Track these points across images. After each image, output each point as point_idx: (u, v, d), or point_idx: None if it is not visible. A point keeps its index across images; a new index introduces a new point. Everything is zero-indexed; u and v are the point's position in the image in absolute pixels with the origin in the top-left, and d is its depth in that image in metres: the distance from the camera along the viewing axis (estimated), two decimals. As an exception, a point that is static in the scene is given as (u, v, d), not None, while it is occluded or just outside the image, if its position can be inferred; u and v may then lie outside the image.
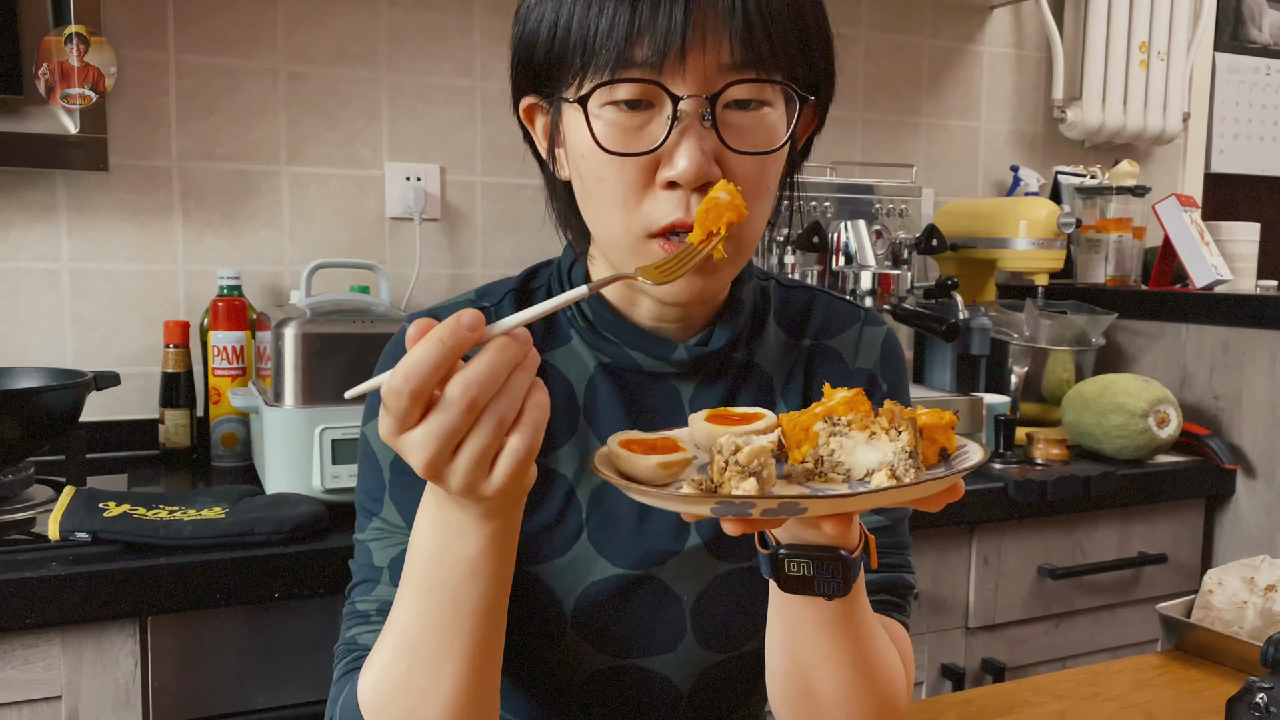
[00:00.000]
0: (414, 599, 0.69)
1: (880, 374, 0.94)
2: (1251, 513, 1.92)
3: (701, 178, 0.73)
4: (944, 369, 2.02)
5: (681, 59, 0.71)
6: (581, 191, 0.80)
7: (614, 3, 0.72)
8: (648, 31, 0.71)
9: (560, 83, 0.76)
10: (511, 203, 2.05)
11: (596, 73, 0.73)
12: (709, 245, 0.70)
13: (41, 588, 1.16)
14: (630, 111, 0.74)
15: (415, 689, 0.70)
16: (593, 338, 0.87)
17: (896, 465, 0.61)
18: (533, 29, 0.77)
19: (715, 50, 0.72)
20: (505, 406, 0.58)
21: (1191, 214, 2.22)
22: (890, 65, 2.39)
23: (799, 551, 0.69)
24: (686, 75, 0.72)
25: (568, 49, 0.74)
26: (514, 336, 0.59)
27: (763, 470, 0.61)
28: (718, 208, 0.70)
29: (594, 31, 0.72)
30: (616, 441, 0.65)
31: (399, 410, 0.58)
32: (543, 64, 0.77)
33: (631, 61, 0.72)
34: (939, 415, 0.66)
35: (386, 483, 0.83)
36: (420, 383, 0.57)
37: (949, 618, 1.73)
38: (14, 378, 1.54)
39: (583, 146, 0.76)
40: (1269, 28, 2.90)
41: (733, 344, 0.88)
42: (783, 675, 0.79)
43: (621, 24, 0.71)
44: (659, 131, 0.73)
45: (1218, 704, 0.98)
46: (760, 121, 0.76)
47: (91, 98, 1.66)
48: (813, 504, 0.58)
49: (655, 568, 0.86)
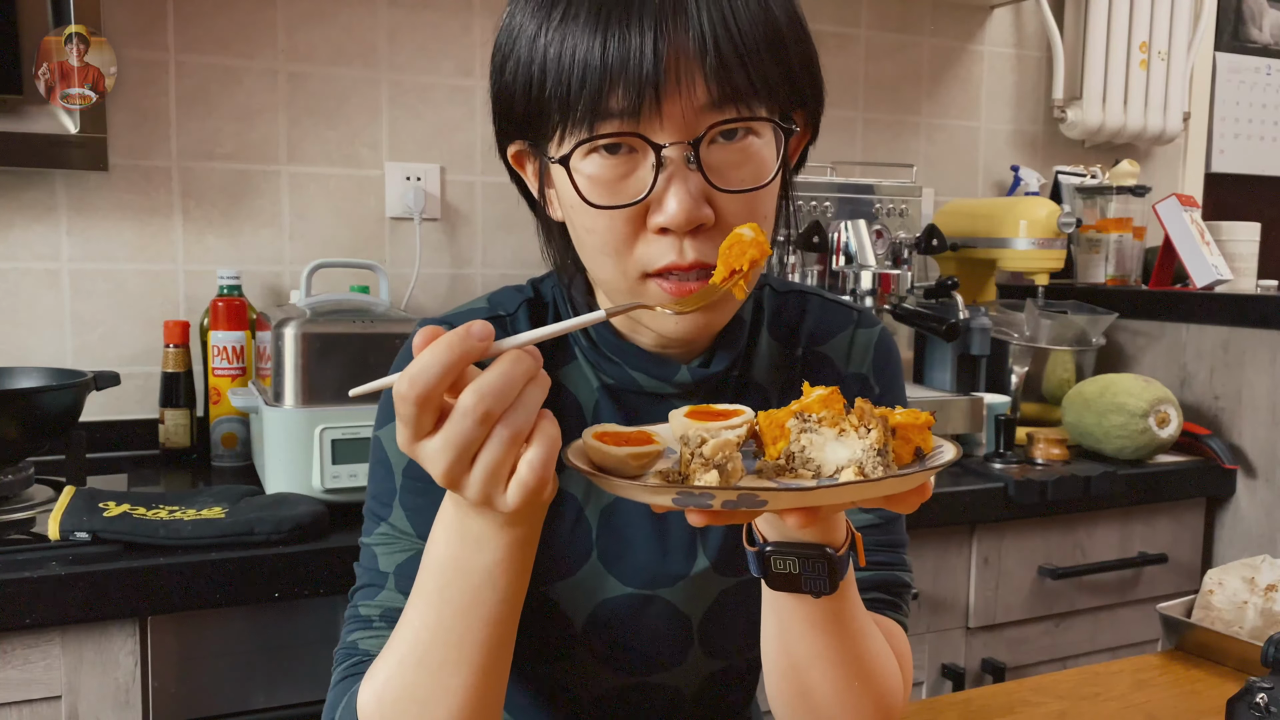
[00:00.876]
0: (426, 607, 0.68)
1: (873, 378, 0.93)
2: (1252, 513, 1.92)
3: (692, 222, 0.72)
4: (944, 369, 2.02)
5: (657, 104, 0.69)
6: (575, 237, 0.79)
7: (584, 50, 0.70)
8: (620, 80, 0.69)
9: (543, 133, 0.75)
10: (511, 203, 2.03)
11: (575, 128, 0.71)
12: (731, 283, 0.69)
13: (41, 588, 1.16)
14: (613, 158, 0.72)
15: (420, 700, 0.69)
16: (596, 358, 0.87)
17: (865, 462, 0.61)
18: (509, 81, 0.76)
19: (690, 91, 0.70)
20: (520, 420, 0.58)
21: (1192, 214, 2.22)
22: (890, 65, 2.39)
23: (785, 549, 0.69)
24: (665, 121, 0.70)
25: (544, 104, 0.73)
26: (527, 351, 0.58)
27: (727, 463, 0.61)
28: (741, 244, 0.68)
29: (567, 85, 0.70)
30: (591, 434, 0.65)
31: (408, 416, 0.57)
32: (523, 116, 0.76)
33: (608, 113, 0.70)
34: (915, 415, 0.65)
35: (398, 488, 0.83)
36: (426, 388, 0.56)
37: (949, 618, 1.73)
38: (14, 378, 1.54)
39: (570, 199, 0.75)
40: (1269, 28, 2.90)
41: (731, 363, 0.88)
42: (778, 674, 0.79)
43: (594, 75, 0.69)
44: (644, 177, 0.72)
45: (1218, 704, 0.98)
46: (747, 154, 0.74)
47: (91, 98, 1.66)
48: (772, 497, 0.58)
49: (664, 588, 0.86)
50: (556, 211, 0.81)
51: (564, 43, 0.70)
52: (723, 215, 0.73)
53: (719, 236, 0.73)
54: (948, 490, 1.66)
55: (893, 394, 0.94)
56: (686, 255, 0.73)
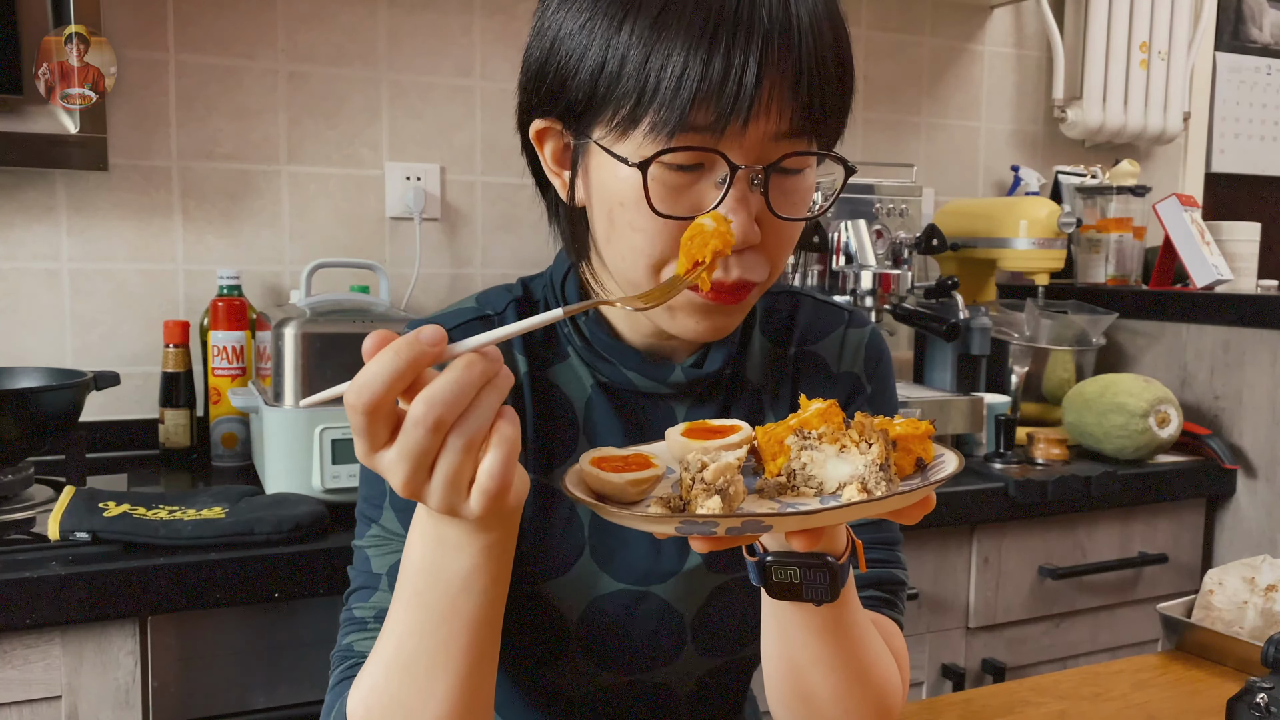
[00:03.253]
0: (407, 613, 0.68)
1: (864, 377, 0.93)
2: (1252, 513, 1.92)
3: (748, 242, 0.72)
4: (944, 369, 2.02)
5: (744, 128, 0.69)
6: (609, 230, 0.76)
7: (682, 54, 0.68)
8: (716, 96, 0.67)
9: (595, 121, 0.73)
10: (511, 203, 2.05)
11: (653, 131, 0.69)
12: (694, 274, 0.68)
13: (41, 588, 1.16)
14: (679, 172, 0.71)
15: (406, 705, 0.69)
16: (589, 356, 0.87)
17: (867, 478, 0.61)
18: (568, 59, 0.73)
19: (776, 119, 0.70)
20: (474, 427, 0.56)
21: (1192, 214, 2.22)
22: (890, 65, 2.39)
23: (786, 559, 0.69)
24: (745, 143, 0.70)
25: (615, 92, 0.70)
26: (482, 354, 0.57)
27: (729, 487, 0.60)
28: (703, 235, 0.68)
29: (654, 84, 0.68)
30: (588, 460, 0.64)
31: (359, 427, 0.56)
32: (578, 99, 0.73)
33: (693, 126, 0.69)
34: (914, 425, 0.65)
35: (387, 490, 0.83)
36: (373, 398, 0.55)
37: (949, 618, 1.73)
38: (14, 378, 1.53)
39: (624, 197, 0.73)
40: (1269, 27, 2.90)
41: (725, 363, 0.88)
42: (778, 679, 0.80)
43: (690, 84, 0.67)
44: (706, 191, 0.72)
45: (1218, 704, 0.98)
46: (802, 183, 0.75)
47: (91, 98, 1.66)
48: (777, 521, 0.58)
49: (657, 585, 0.86)
50: (579, 195, 0.79)
51: (658, 43, 0.68)
52: (770, 237, 0.74)
53: (762, 256, 0.74)
54: (948, 490, 1.66)
55: (884, 393, 0.94)
56: (733, 273, 0.74)
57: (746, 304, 0.78)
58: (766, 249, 0.75)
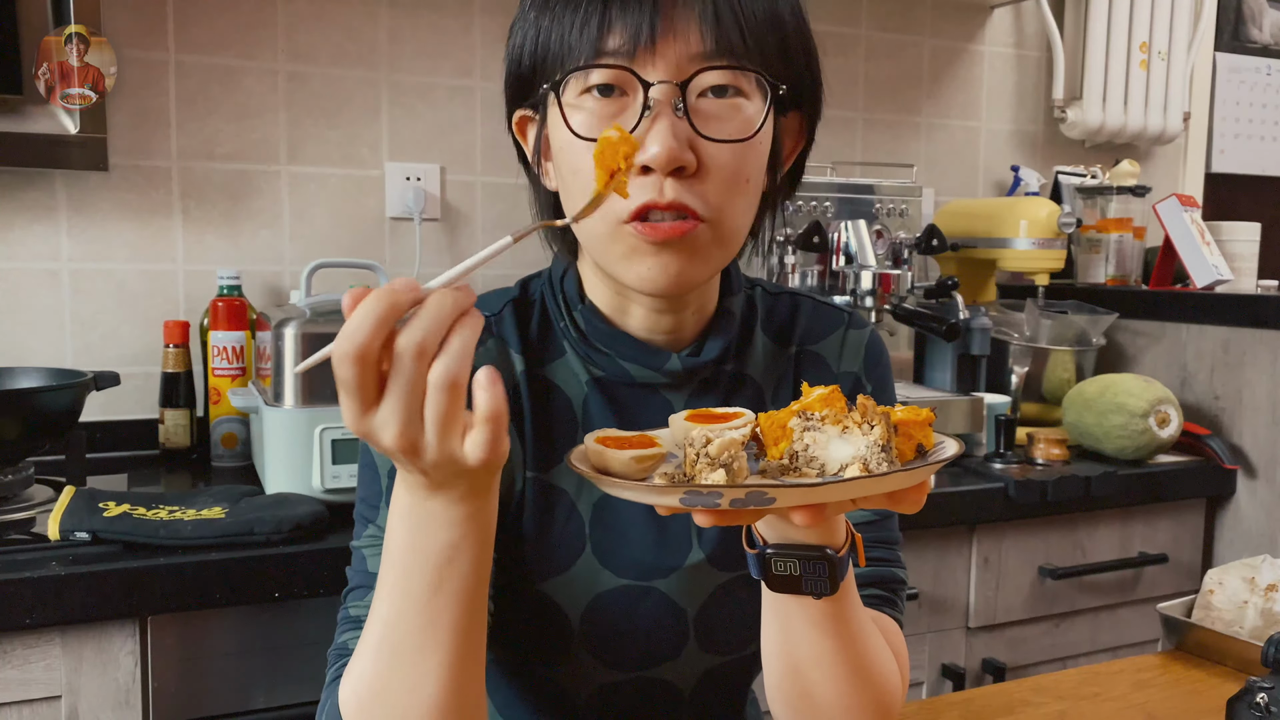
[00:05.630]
0: (391, 596, 0.67)
1: (865, 376, 0.94)
2: (1252, 513, 1.92)
3: (674, 161, 0.73)
4: (944, 369, 2.02)
5: (652, 46, 0.73)
6: (563, 190, 0.81)
7: (586, 5, 0.75)
8: (619, 23, 0.74)
9: (547, 97, 0.79)
10: (511, 203, 2.05)
11: (571, 65, 0.76)
12: (613, 184, 0.68)
13: (41, 588, 1.16)
14: (604, 99, 0.75)
15: (395, 689, 0.69)
16: (585, 350, 0.87)
17: (869, 458, 0.61)
18: (518, 44, 0.81)
19: (685, 39, 0.74)
20: (455, 361, 0.56)
21: (1192, 214, 2.22)
22: (890, 65, 2.39)
23: (786, 551, 0.69)
24: (658, 63, 0.74)
25: (548, 54, 0.77)
26: (454, 289, 0.58)
27: (733, 462, 0.60)
28: (611, 145, 0.67)
29: (569, 33, 0.76)
30: (593, 438, 0.65)
31: (349, 380, 0.57)
32: (527, 74, 0.80)
33: (604, 51, 0.74)
34: (915, 412, 0.65)
35: (384, 490, 0.83)
36: (363, 342, 0.56)
37: (949, 618, 1.73)
38: (14, 378, 1.53)
39: (561, 140, 0.78)
40: (1269, 28, 2.90)
41: (723, 356, 0.89)
42: (778, 676, 0.80)
43: (594, 23, 0.74)
44: (633, 120, 0.74)
45: (1218, 704, 0.98)
46: (735, 111, 0.76)
47: (91, 98, 1.66)
48: (781, 493, 0.58)
49: (659, 580, 0.86)
50: (551, 180, 0.84)
51: (573, 4, 0.76)
52: (705, 164, 0.75)
53: (700, 185, 0.75)
54: (948, 490, 1.66)
55: (883, 393, 0.95)
56: (666, 194, 0.74)
57: (698, 246, 0.77)
58: (705, 180, 0.75)
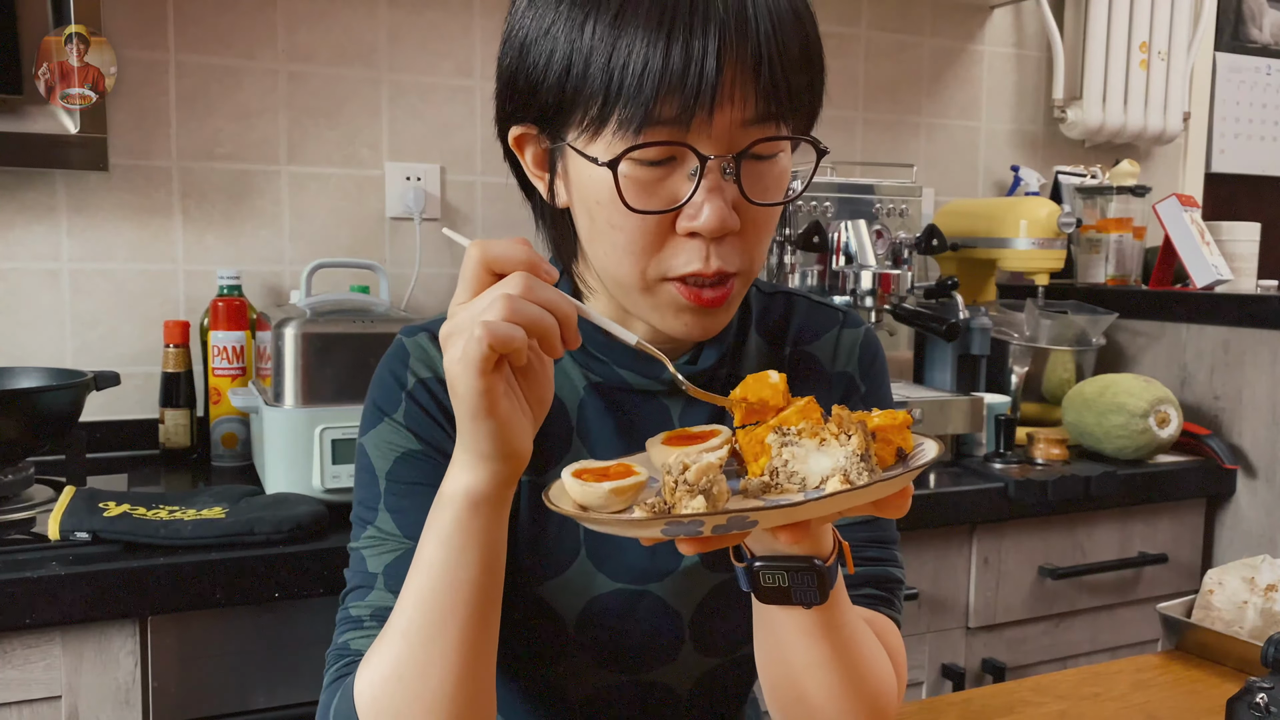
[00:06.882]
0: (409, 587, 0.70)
1: (859, 376, 0.94)
2: (1252, 513, 1.92)
3: (724, 229, 0.73)
4: (944, 369, 2.02)
5: (709, 117, 0.70)
6: (591, 230, 0.78)
7: (642, 48, 0.69)
8: (679, 88, 0.68)
9: (567, 123, 0.74)
10: (511, 203, 2.04)
11: (621, 128, 0.70)
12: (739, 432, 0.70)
13: (41, 588, 1.16)
14: (651, 167, 0.72)
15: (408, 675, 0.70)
16: (582, 357, 0.87)
17: (849, 469, 0.61)
18: (536, 63, 0.74)
19: (741, 106, 0.71)
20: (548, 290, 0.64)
21: (1192, 214, 2.22)
22: (890, 65, 2.39)
23: (773, 563, 0.69)
24: (713, 133, 0.71)
25: (583, 93, 0.71)
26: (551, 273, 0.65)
27: (712, 487, 0.60)
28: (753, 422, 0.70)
29: (618, 82, 0.69)
30: (569, 473, 0.65)
31: (474, 276, 0.65)
32: (549, 103, 0.74)
33: (658, 120, 0.69)
34: (892, 416, 0.65)
35: (382, 492, 0.83)
36: (500, 256, 0.64)
37: (949, 618, 1.73)
38: (14, 378, 1.53)
39: (600, 196, 0.74)
40: (1269, 27, 2.90)
41: (719, 360, 0.89)
42: (772, 683, 0.80)
43: (651, 78, 0.68)
44: (680, 184, 0.73)
45: (1218, 704, 0.98)
46: (774, 168, 0.76)
47: (91, 98, 1.66)
48: (762, 516, 0.58)
49: (654, 583, 0.86)
50: (560, 198, 0.81)
51: (619, 40, 0.69)
52: (747, 225, 0.75)
53: (740, 243, 0.75)
54: (948, 490, 1.67)
55: (879, 392, 0.95)
56: (712, 264, 0.74)
57: (731, 301, 0.78)
58: (744, 238, 0.75)
